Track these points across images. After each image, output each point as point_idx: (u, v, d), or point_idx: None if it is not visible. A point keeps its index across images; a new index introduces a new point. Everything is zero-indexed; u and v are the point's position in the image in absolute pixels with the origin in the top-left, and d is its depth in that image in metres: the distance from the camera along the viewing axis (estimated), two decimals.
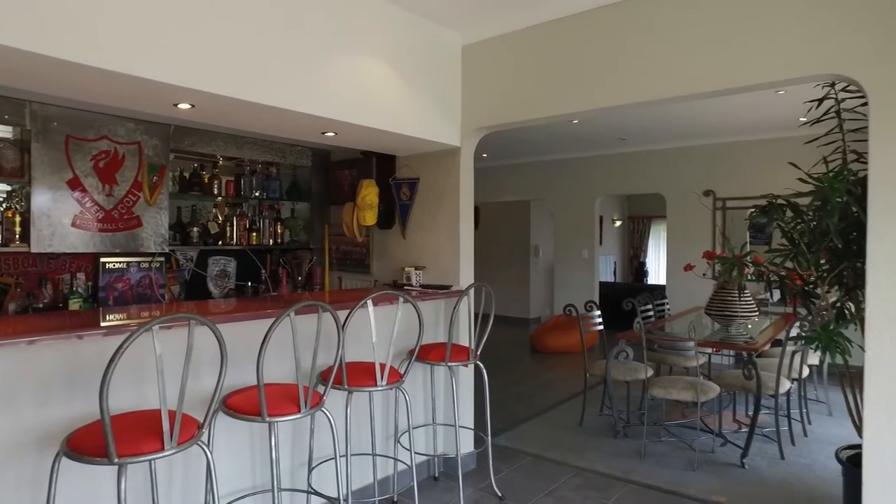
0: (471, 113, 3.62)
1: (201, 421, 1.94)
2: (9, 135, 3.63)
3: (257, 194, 4.76)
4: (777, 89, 4.57)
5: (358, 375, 2.58)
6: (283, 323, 2.11)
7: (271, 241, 4.84)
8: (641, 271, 11.70)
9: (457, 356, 3.06)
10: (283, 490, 2.73)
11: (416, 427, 3.45)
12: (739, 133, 6.61)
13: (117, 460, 1.66)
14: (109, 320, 2.22)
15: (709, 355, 4.87)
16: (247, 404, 2.16)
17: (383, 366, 2.57)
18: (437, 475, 3.54)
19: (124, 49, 2.15)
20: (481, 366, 3.24)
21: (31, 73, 2.19)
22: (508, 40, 3.46)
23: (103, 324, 2.11)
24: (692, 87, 2.78)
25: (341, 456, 2.64)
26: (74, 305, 3.72)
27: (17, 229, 3.52)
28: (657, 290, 7.56)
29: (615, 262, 11.66)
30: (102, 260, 3.88)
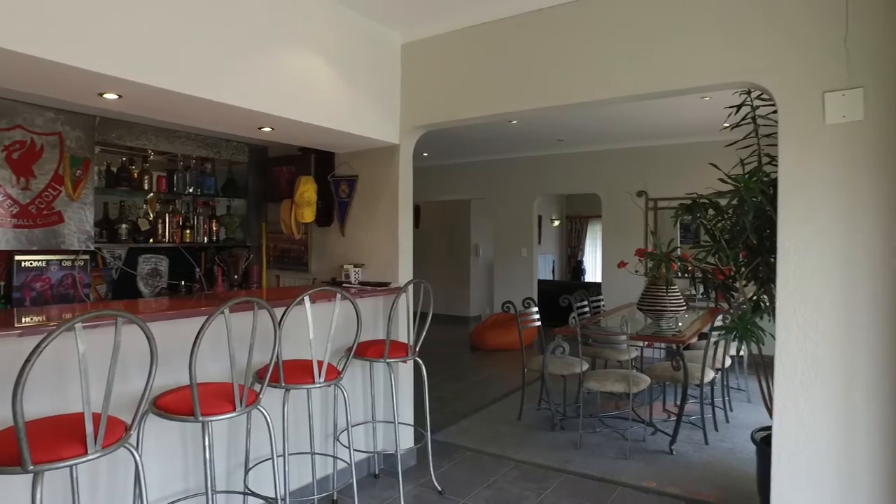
0: (410, 111, 3.64)
1: (129, 423, 1.87)
2: None
3: (191, 190, 4.61)
4: (702, 95, 4.83)
5: (295, 373, 2.56)
6: (217, 321, 2.06)
7: (206, 239, 4.70)
8: (579, 270, 12.04)
9: (395, 352, 3.08)
10: (219, 492, 2.66)
11: (356, 425, 3.44)
12: (670, 136, 6.93)
13: (32, 467, 1.56)
14: (26, 321, 2.11)
15: (641, 349, 5.08)
16: (179, 404, 2.10)
17: (321, 363, 2.55)
18: (377, 472, 3.54)
19: (42, 31, 2.03)
20: (420, 362, 3.27)
21: None
22: (447, 39, 3.50)
23: (18, 324, 2.00)
24: (621, 90, 2.90)
25: (279, 455, 2.60)
26: None
27: None
28: (593, 288, 7.83)
29: (554, 261, 11.96)
30: (17, 258, 3.66)
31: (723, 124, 2.97)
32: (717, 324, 4.04)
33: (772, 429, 2.52)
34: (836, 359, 2.36)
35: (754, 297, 2.94)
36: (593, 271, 11.80)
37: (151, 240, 4.36)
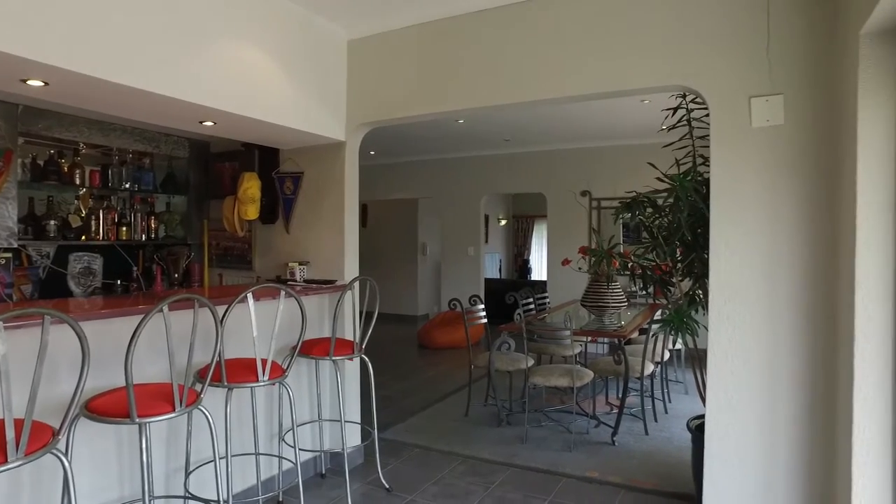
0: (356, 108, 3.61)
1: (57, 428, 1.78)
2: None
3: (127, 186, 4.42)
4: (642, 99, 5.01)
5: (238, 372, 2.50)
6: (156, 320, 1.98)
7: (144, 237, 4.52)
8: (525, 268, 12.24)
9: (341, 350, 3.05)
10: (157, 497, 2.57)
11: (302, 424, 3.39)
12: (612, 138, 7.14)
13: None
14: None
15: (585, 344, 5.21)
16: (114, 406, 2.01)
17: (265, 361, 2.50)
18: (324, 472, 3.50)
19: None
20: (367, 360, 3.25)
21: None
22: (394, 37, 3.50)
23: None
24: (566, 90, 2.98)
25: (221, 457, 2.53)
26: None
27: None
28: (539, 285, 7.97)
29: (501, 260, 12.11)
30: None
31: (661, 126, 3.09)
32: (657, 318, 4.20)
33: (705, 416, 2.64)
34: (762, 348, 2.50)
35: (690, 292, 3.08)
36: (539, 270, 12.02)
37: (84, 237, 4.15)
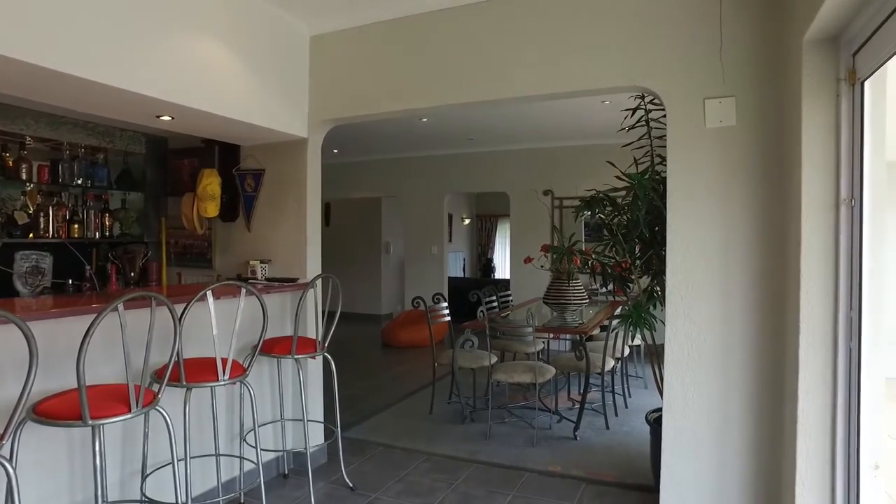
0: (318, 105, 3.58)
1: (0, 432, 1.71)
2: None
3: (79, 182, 4.26)
4: (603, 100, 5.12)
5: (197, 371, 2.45)
6: (112, 320, 1.93)
7: (98, 234, 4.37)
8: (489, 267, 12.33)
9: (304, 348, 3.02)
10: (111, 502, 2.50)
11: (264, 424, 3.34)
12: (574, 138, 7.26)
13: None
14: None
15: (547, 341, 5.29)
16: (64, 408, 1.94)
17: (225, 360, 2.46)
18: (286, 472, 3.46)
19: None
20: (329, 358, 3.23)
21: None
22: (357, 34, 3.48)
23: None
24: (528, 89, 3.02)
25: (180, 459, 2.47)
26: None
27: None
28: (502, 284, 8.05)
29: (464, 259, 12.17)
30: None
31: (620, 127, 3.17)
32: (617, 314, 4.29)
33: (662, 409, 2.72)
34: (716, 341, 2.59)
35: (648, 289, 3.16)
36: (503, 268, 12.12)
37: (31, 234, 3.99)
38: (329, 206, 10.09)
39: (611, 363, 4.43)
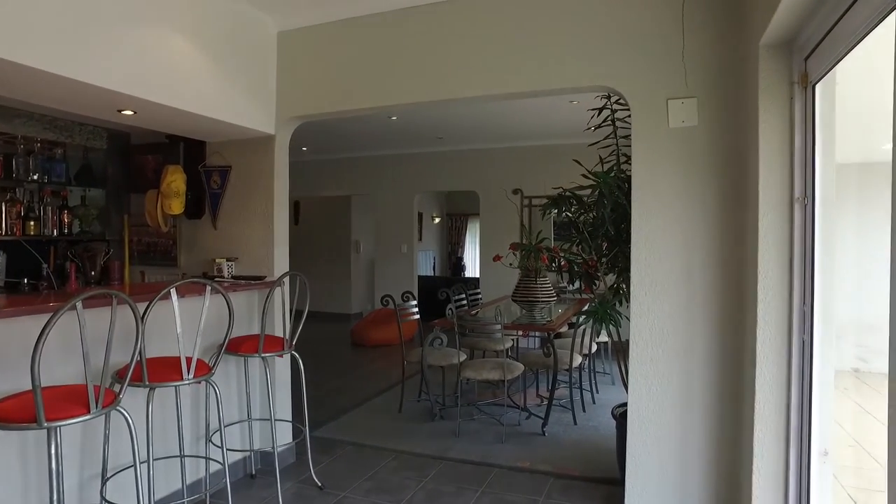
0: (286, 101, 3.54)
1: None
2: None
3: (35, 177, 4.13)
4: (570, 100, 5.18)
5: (161, 370, 2.40)
6: (71, 319, 1.87)
7: (55, 232, 4.24)
8: (459, 266, 12.37)
9: (271, 347, 2.99)
10: None
11: (230, 424, 3.29)
12: (542, 137, 7.33)
13: None
14: None
15: (516, 338, 5.33)
16: (17, 410, 1.86)
17: (189, 359, 2.42)
18: (254, 472, 3.42)
19: None
20: (297, 356, 3.20)
21: None
22: (325, 30, 3.46)
23: None
24: (496, 88, 3.04)
25: (142, 461, 2.42)
26: None
27: None
28: (472, 282, 8.08)
29: (435, 258, 12.18)
30: None
31: (587, 126, 3.22)
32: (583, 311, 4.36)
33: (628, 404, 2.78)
34: (679, 335, 2.66)
35: (614, 285, 3.22)
36: (473, 267, 12.18)
37: None
38: (298, 204, 9.98)
39: (578, 360, 4.49)
